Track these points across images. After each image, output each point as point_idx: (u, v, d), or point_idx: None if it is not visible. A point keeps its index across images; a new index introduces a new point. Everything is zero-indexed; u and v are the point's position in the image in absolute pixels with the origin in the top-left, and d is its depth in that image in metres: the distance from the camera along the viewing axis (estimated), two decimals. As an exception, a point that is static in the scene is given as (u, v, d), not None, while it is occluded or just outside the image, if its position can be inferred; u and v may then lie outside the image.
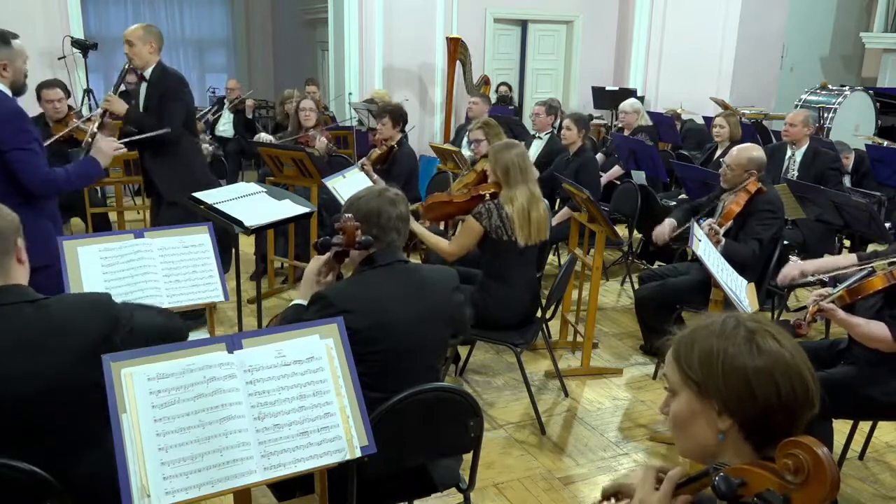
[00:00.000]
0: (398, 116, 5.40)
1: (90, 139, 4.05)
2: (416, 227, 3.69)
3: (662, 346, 1.31)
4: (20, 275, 1.90)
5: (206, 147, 5.88)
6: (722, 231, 3.64)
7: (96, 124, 4.10)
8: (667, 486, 1.24)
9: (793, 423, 1.18)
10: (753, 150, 3.95)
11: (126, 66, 4.32)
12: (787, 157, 5.40)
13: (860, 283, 2.67)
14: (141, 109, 4.31)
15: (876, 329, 2.63)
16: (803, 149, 5.32)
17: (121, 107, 4.22)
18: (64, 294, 2.33)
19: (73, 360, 1.80)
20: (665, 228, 4.16)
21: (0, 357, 1.76)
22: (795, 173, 5.25)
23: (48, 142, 4.34)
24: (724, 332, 1.22)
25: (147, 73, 4.30)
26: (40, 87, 5.21)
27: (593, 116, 9.00)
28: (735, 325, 1.22)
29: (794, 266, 3.06)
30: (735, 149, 4.04)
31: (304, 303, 2.29)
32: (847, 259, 3.07)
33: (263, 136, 6.13)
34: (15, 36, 3.24)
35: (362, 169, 4.89)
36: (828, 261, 3.16)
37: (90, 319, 1.88)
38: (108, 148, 3.42)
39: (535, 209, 3.51)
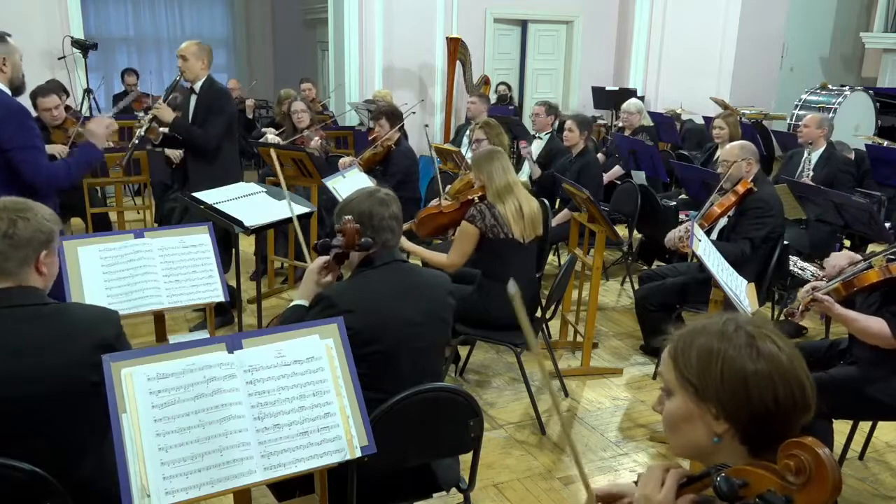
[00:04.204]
0: (394, 117, 5.43)
1: (136, 141, 4.46)
2: (411, 245, 3.68)
3: (660, 346, 1.30)
4: (37, 284, 1.92)
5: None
6: (702, 231, 3.65)
7: (144, 129, 4.40)
8: (671, 483, 1.24)
9: (788, 428, 1.17)
10: (742, 142, 4.15)
11: (178, 78, 4.54)
12: (803, 158, 5.45)
13: (855, 276, 2.67)
14: (190, 119, 4.52)
15: (874, 324, 2.63)
16: (819, 150, 5.37)
17: (168, 115, 4.42)
18: (75, 303, 2.38)
19: (82, 361, 1.81)
20: (675, 233, 4.14)
21: (13, 356, 1.77)
22: (810, 173, 5.28)
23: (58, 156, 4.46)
24: (725, 334, 1.20)
25: (197, 87, 4.51)
26: (35, 95, 5.18)
27: (597, 118, 8.99)
28: (735, 328, 1.21)
29: (842, 256, 2.97)
30: (727, 146, 4.17)
31: (303, 302, 2.30)
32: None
33: (270, 136, 6.12)
34: (8, 35, 3.24)
35: None
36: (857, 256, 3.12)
37: (100, 323, 1.93)
38: (99, 129, 3.45)
39: (525, 204, 3.54)
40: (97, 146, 3.41)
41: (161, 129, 4.62)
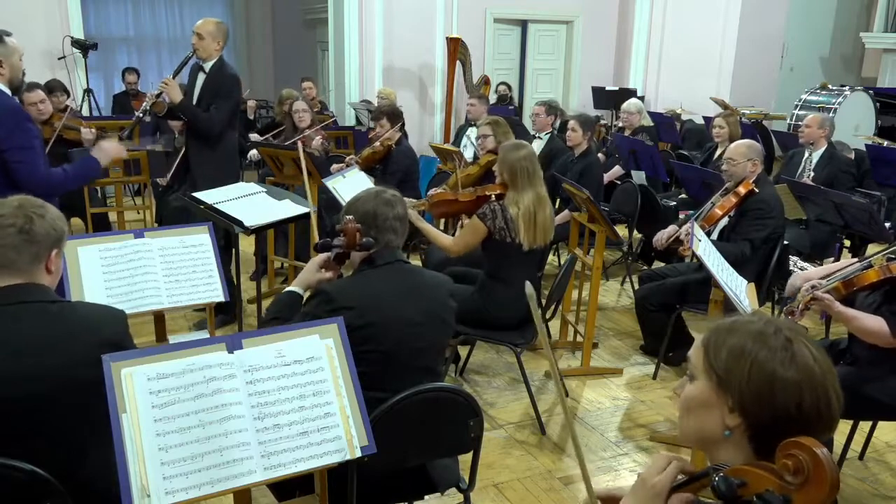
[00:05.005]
0: (395, 116, 5.46)
1: (141, 115, 4.46)
2: (420, 223, 3.70)
3: (699, 327, 1.29)
4: (45, 283, 1.94)
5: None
6: (703, 231, 3.63)
7: (150, 103, 4.39)
8: (670, 470, 1.24)
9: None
10: (749, 141, 4.09)
11: (189, 55, 4.46)
12: (804, 158, 5.43)
13: (855, 275, 2.67)
14: (195, 98, 4.46)
15: (873, 323, 2.63)
16: (820, 151, 5.36)
17: (176, 94, 4.36)
18: (81, 301, 2.39)
19: (85, 359, 1.81)
20: (665, 234, 4.14)
21: (16, 355, 1.78)
22: (811, 174, 5.28)
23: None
24: (763, 334, 1.19)
25: (207, 67, 4.44)
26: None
27: (600, 118, 8.99)
28: (775, 330, 1.19)
29: (799, 276, 3.01)
30: (732, 144, 4.13)
31: (298, 290, 2.33)
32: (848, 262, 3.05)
33: (253, 138, 6.19)
34: (8, 34, 3.23)
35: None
36: (833, 266, 3.14)
37: (106, 321, 1.94)
38: (110, 149, 3.44)
39: (542, 212, 3.50)
40: (100, 162, 3.39)
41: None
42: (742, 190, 3.84)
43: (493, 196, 3.71)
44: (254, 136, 6.80)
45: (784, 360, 1.16)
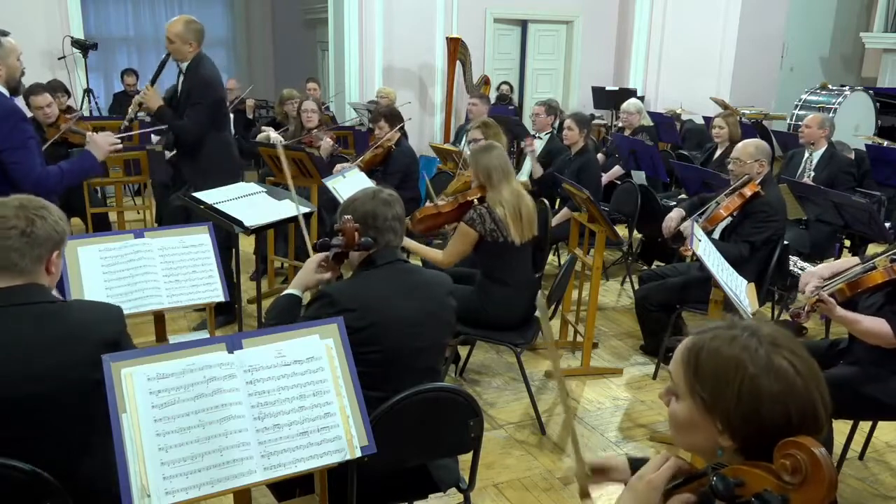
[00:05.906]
0: (393, 117, 5.45)
1: (128, 123, 4.37)
2: (408, 241, 3.67)
3: (674, 346, 1.28)
4: (45, 283, 1.94)
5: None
6: (703, 231, 3.63)
7: (135, 111, 4.35)
8: (667, 467, 1.25)
9: None
10: (757, 141, 4.05)
11: (164, 59, 4.38)
12: (804, 158, 5.43)
13: (860, 276, 2.67)
14: (178, 98, 4.41)
15: (874, 325, 2.63)
16: (820, 151, 5.35)
17: (155, 102, 4.30)
18: (79, 300, 2.38)
19: (85, 359, 1.81)
20: (672, 221, 4.15)
21: (17, 355, 1.78)
22: (811, 174, 5.27)
23: (43, 146, 4.40)
24: (747, 349, 1.16)
25: (184, 68, 4.37)
26: (27, 94, 5.12)
27: (595, 116, 8.99)
28: (757, 344, 1.17)
29: (811, 273, 2.99)
30: (740, 143, 4.10)
31: (296, 292, 2.33)
32: (854, 261, 3.04)
33: (273, 135, 6.13)
34: (5, 33, 3.21)
35: None
36: (841, 262, 3.13)
37: (103, 320, 1.94)
38: (103, 143, 3.42)
39: (523, 204, 3.53)
40: (96, 158, 3.38)
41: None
42: (748, 192, 3.81)
43: (476, 200, 3.71)
44: (269, 129, 6.72)
45: (768, 375, 1.15)
